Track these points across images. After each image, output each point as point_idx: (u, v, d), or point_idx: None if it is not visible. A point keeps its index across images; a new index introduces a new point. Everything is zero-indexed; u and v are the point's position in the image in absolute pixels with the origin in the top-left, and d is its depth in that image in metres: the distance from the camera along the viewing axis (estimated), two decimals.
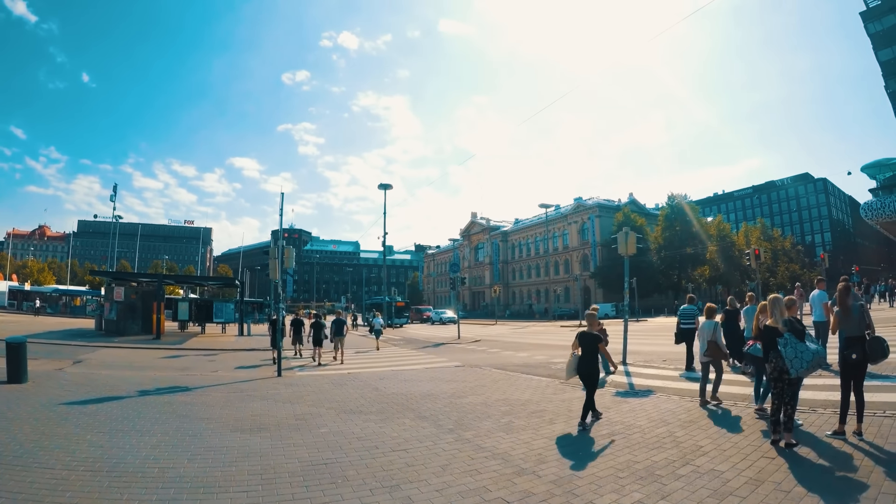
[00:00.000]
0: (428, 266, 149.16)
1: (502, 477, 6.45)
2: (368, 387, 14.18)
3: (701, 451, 7.33)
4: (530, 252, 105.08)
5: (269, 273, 20.49)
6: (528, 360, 20.77)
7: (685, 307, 16.41)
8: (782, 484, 5.94)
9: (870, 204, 55.83)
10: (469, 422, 9.61)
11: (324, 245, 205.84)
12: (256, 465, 7.01)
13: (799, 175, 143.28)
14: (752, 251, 35.97)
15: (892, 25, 59.54)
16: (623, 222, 63.42)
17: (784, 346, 7.09)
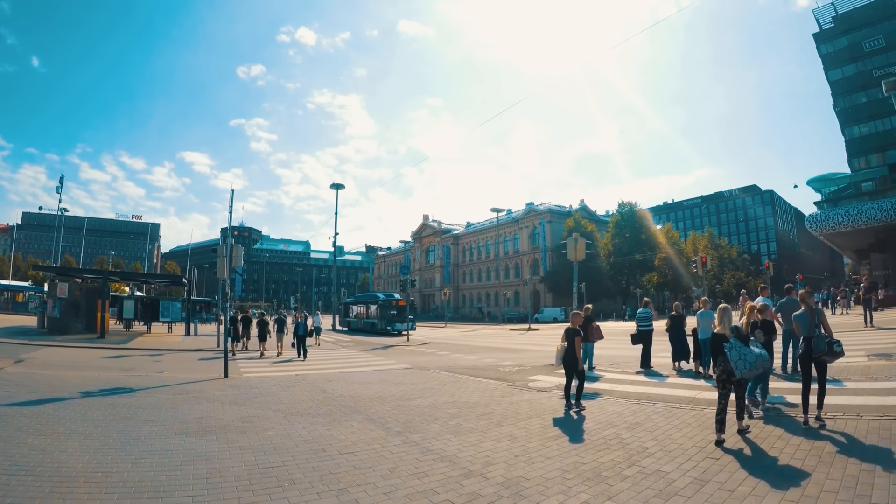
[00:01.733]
0: (378, 268, 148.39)
1: (450, 479, 6.50)
2: (316, 389, 14.05)
3: (647, 453, 7.47)
4: (481, 256, 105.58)
5: (217, 272, 20.21)
6: (476, 362, 20.89)
7: (642, 310, 17.84)
8: (726, 483, 6.11)
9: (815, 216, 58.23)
10: (417, 424, 9.61)
11: (274, 244, 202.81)
12: (202, 469, 6.88)
13: (747, 186, 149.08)
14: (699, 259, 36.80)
15: (843, 47, 62.36)
16: (574, 228, 64.60)
17: (729, 349, 7.87)
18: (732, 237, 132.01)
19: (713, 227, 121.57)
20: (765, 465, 6.68)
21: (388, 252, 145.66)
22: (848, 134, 62.16)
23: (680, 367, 15.89)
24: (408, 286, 44.57)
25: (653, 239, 79.17)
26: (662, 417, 9.74)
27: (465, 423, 9.68)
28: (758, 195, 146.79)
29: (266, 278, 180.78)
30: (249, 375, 17.17)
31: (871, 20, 59.78)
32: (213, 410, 10.95)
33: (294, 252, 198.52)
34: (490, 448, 7.91)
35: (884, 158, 59.17)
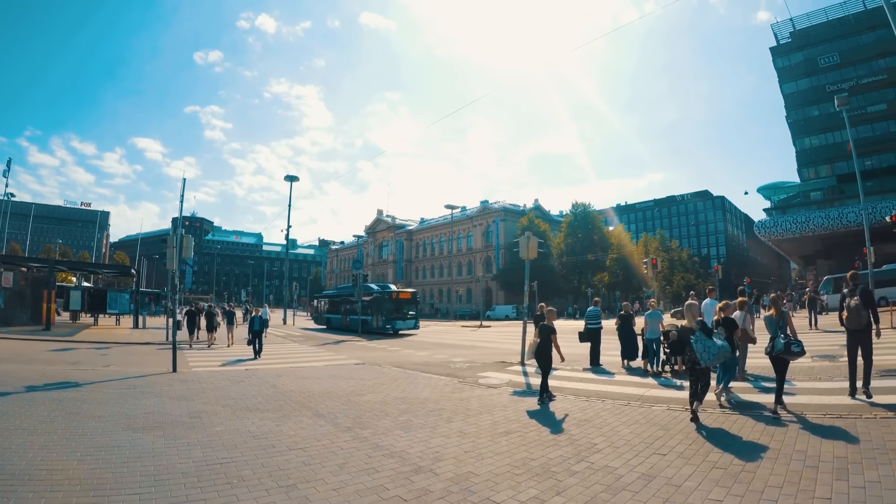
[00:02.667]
0: (331, 262, 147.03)
1: (400, 475, 6.50)
2: (266, 384, 13.89)
3: (595, 449, 7.57)
4: (434, 252, 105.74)
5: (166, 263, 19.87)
6: (428, 359, 20.90)
7: (591, 309, 18.30)
8: (673, 479, 6.24)
9: (764, 222, 60.15)
10: (367, 420, 9.58)
11: (226, 235, 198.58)
12: (149, 465, 6.74)
13: (699, 192, 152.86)
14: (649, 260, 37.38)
15: (799, 62, 64.78)
16: (527, 227, 65.10)
17: (695, 342, 8.90)
18: (683, 240, 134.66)
19: (665, 230, 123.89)
20: (711, 461, 6.82)
21: (342, 246, 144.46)
22: (799, 145, 64.49)
23: (629, 366, 16.21)
24: (360, 281, 41.67)
25: (605, 240, 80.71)
26: (611, 414, 9.85)
27: (415, 418, 9.69)
28: (709, 200, 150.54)
29: (217, 270, 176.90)
30: (198, 370, 16.86)
31: (828, 38, 62.38)
32: (160, 405, 10.75)
33: (246, 244, 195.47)
34: (440, 444, 7.94)
35: (832, 170, 61.51)
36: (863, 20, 59.59)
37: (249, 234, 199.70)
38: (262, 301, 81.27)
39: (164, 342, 24.78)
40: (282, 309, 63.00)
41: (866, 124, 57.59)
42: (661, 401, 11.05)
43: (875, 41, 56.39)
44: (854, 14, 61.56)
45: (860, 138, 49.71)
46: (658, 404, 10.59)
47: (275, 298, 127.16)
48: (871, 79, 59.10)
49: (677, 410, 9.88)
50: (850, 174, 44.24)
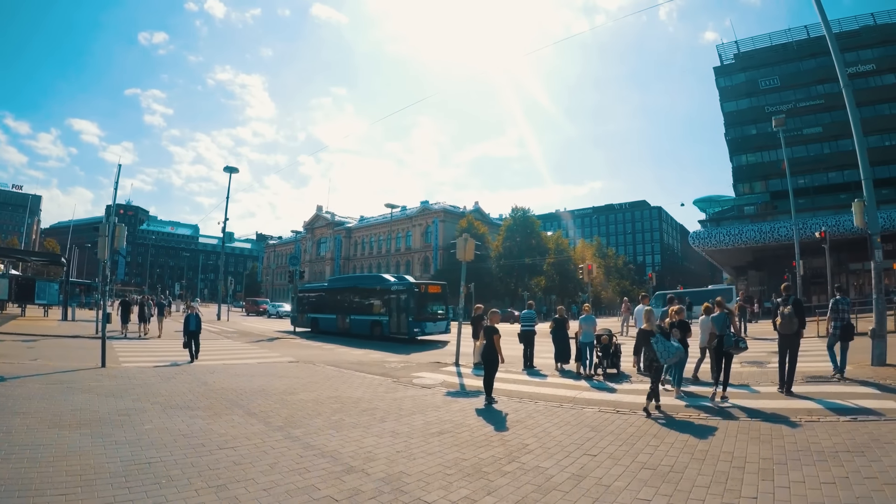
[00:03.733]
0: (268, 257, 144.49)
1: (331, 475, 6.46)
2: (197, 381, 13.56)
3: (527, 449, 7.67)
4: (373, 250, 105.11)
5: (98, 252, 19.36)
6: (363, 357, 20.81)
7: (526, 312, 18.60)
8: (603, 479, 6.38)
9: (698, 233, 62.07)
10: (299, 419, 9.51)
11: (161, 226, 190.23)
12: (76, 464, 6.53)
13: (637, 201, 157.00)
14: (585, 266, 37.99)
15: (741, 83, 67.04)
16: (466, 229, 65.36)
17: (655, 343, 10.01)
18: (620, 248, 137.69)
19: (602, 237, 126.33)
20: (640, 462, 7.01)
21: (279, 241, 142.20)
22: (736, 161, 66.74)
23: (562, 368, 16.53)
24: (296, 277, 40.88)
25: (543, 244, 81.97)
26: (543, 416, 10.00)
27: (347, 418, 9.65)
28: (646, 210, 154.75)
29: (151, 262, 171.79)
30: (128, 365, 16.34)
31: (770, 62, 64.91)
32: (88, 402, 10.38)
33: (182, 236, 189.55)
34: (372, 444, 7.92)
35: (766, 186, 63.89)
36: (805, 47, 62.37)
37: (185, 226, 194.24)
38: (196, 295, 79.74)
39: (94, 335, 24.09)
40: (216, 304, 61.65)
41: (801, 145, 60.06)
42: (593, 403, 11.27)
43: (815, 68, 59.15)
44: (797, 41, 64.28)
45: (795, 158, 51.91)
46: (590, 406, 10.80)
47: (209, 293, 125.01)
48: (809, 103, 61.56)
49: (608, 412, 10.12)
50: (784, 191, 45.90)
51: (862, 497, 5.53)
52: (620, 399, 11.88)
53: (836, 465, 6.53)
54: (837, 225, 45.01)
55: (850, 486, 5.84)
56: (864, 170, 15.94)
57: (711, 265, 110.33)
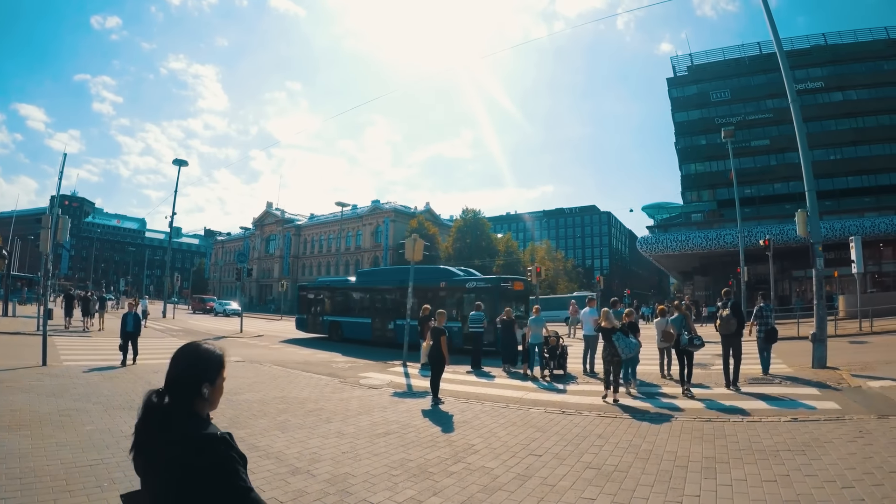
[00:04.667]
0: (216, 253, 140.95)
1: (276, 476, 6.41)
2: (141, 380, 13.22)
3: (473, 450, 7.71)
4: (323, 249, 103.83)
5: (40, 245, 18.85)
6: (310, 357, 20.72)
7: (474, 313, 18.67)
8: (548, 479, 6.44)
9: (646, 239, 63.28)
10: (244, 420, 9.39)
11: (107, 219, 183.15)
12: (15, 467, 6.37)
13: (586, 206, 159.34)
14: (534, 268, 38.29)
15: (692, 94, 68.92)
16: (417, 229, 65.12)
17: (617, 339, 11.57)
18: (569, 251, 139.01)
19: (552, 241, 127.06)
20: (585, 462, 7.10)
21: (228, 238, 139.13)
22: (685, 170, 68.52)
23: (509, 369, 16.63)
24: (244, 275, 39.56)
25: (493, 246, 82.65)
26: (489, 416, 10.06)
27: (293, 419, 9.58)
28: (596, 215, 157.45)
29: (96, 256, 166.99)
30: (70, 363, 15.89)
31: (722, 75, 66.92)
32: (28, 402, 10.07)
33: (128, 230, 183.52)
34: (318, 444, 7.88)
35: (714, 195, 65.85)
36: (757, 63, 64.21)
37: (132, 219, 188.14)
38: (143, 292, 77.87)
39: (35, 332, 23.43)
40: (162, 301, 60.42)
41: (749, 156, 62.02)
42: (539, 404, 11.39)
43: (766, 83, 60.78)
44: (749, 56, 66.35)
45: (742, 168, 53.66)
46: (536, 407, 10.90)
47: (155, 289, 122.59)
48: (758, 116, 63.57)
49: (554, 413, 10.22)
50: (730, 200, 47.15)
51: (802, 494, 5.71)
52: (566, 400, 12.06)
53: (778, 464, 6.72)
54: (781, 234, 46.43)
55: (791, 483, 6.03)
56: (808, 182, 16.57)
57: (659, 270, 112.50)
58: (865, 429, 8.30)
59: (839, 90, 61.42)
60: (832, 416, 9.34)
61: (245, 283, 38.84)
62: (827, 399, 10.96)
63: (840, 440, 7.71)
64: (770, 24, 17.44)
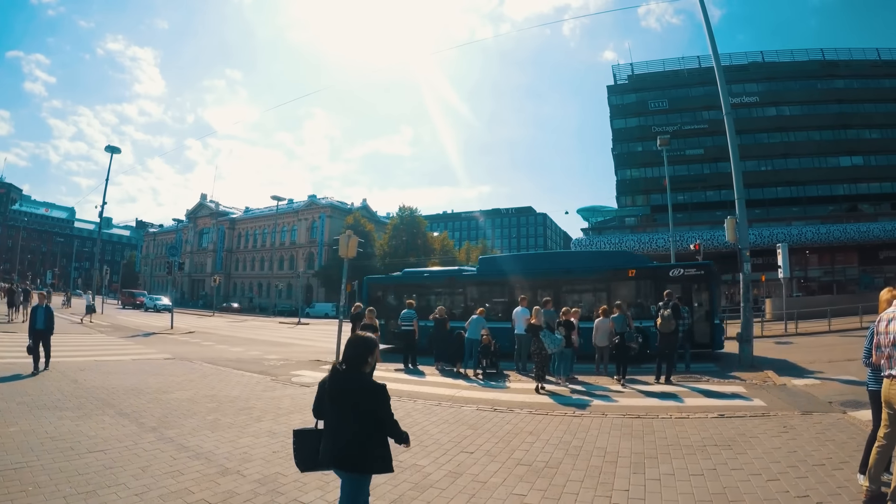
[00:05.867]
0: (148, 246, 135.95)
1: (205, 477, 6.33)
2: (67, 378, 12.75)
3: (404, 447, 7.66)
4: (257, 243, 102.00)
5: None
6: (241, 355, 20.35)
7: (405, 312, 18.59)
8: (479, 476, 6.52)
9: (580, 240, 64.71)
10: (173, 419, 9.19)
11: (35, 207, 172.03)
12: None
13: (523, 207, 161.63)
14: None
15: (631, 103, 70.97)
16: (353, 226, 64.97)
17: (544, 336, 12.86)
18: (505, 251, 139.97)
19: (487, 241, 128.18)
20: (517, 459, 7.19)
21: (160, 230, 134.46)
22: (620, 175, 70.34)
23: (442, 367, 16.73)
24: (176, 269, 38.29)
25: (429, 245, 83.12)
26: (421, 414, 10.11)
27: (223, 418, 9.45)
28: (532, 216, 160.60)
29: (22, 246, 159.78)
30: None
31: (661, 85, 69.23)
32: None
33: (57, 219, 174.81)
34: (248, 444, 7.81)
35: (648, 200, 68.07)
36: (695, 76, 66.85)
37: (61, 208, 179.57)
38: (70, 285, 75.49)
39: None
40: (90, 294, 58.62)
41: (683, 164, 64.12)
42: (472, 401, 11.47)
43: (703, 95, 62.83)
44: (689, 69, 69.03)
45: (676, 176, 55.03)
46: (468, 405, 10.98)
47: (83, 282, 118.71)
48: (694, 126, 65.91)
49: (486, 411, 10.30)
50: (663, 206, 48.60)
51: (729, 487, 5.92)
52: (498, 397, 12.16)
53: (705, 458, 6.98)
54: (712, 239, 47.80)
55: (718, 477, 6.26)
56: (738, 190, 17.33)
57: None
58: (790, 424, 8.69)
59: (773, 105, 64.82)
60: (758, 412, 9.78)
61: (176, 278, 37.71)
62: (753, 396, 11.43)
63: (765, 435, 8.05)
64: (710, 39, 18.15)
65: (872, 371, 5.87)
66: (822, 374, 13.90)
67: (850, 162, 62.35)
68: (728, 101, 18.08)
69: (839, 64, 65.35)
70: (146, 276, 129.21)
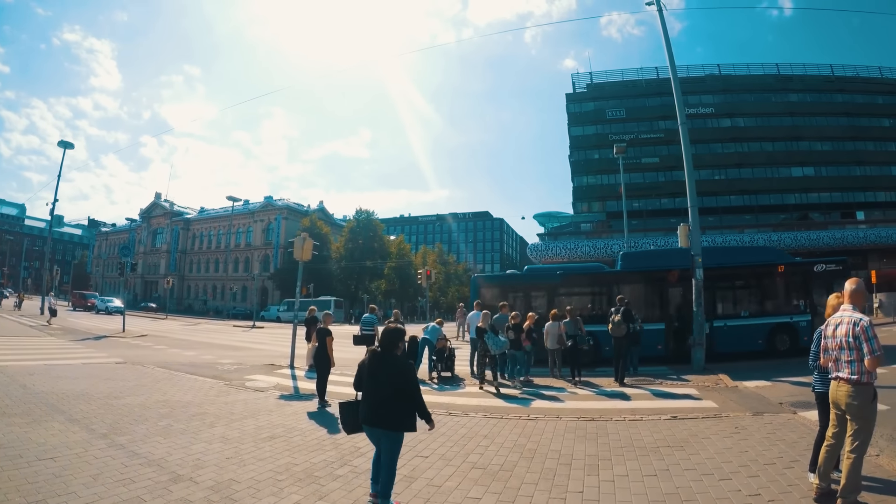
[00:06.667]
0: (100, 246, 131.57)
1: (158, 485, 6.21)
2: (15, 383, 12.39)
3: (359, 452, 7.70)
4: (211, 245, 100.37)
5: None
6: (195, 359, 20.00)
7: (366, 316, 18.97)
8: (434, 479, 6.55)
9: (536, 246, 65.30)
10: (125, 425, 9.00)
11: None
12: None
13: (480, 212, 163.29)
14: (424, 272, 38.67)
15: (589, 111, 72.22)
16: (309, 228, 64.59)
17: (488, 338, 13.73)
18: (461, 255, 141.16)
19: (444, 245, 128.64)
20: (472, 462, 7.26)
21: (113, 229, 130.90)
22: (577, 181, 71.44)
23: None
24: (128, 270, 36.80)
25: (385, 248, 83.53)
26: None
27: (176, 423, 9.30)
28: (489, 221, 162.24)
29: None
30: None
31: (619, 95, 70.88)
32: None
33: (6, 216, 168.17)
34: (201, 450, 7.68)
35: (604, 207, 68.97)
36: (653, 86, 68.37)
37: (11, 205, 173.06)
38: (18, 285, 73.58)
39: None
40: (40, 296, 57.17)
41: (639, 172, 65.38)
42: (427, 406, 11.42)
43: (659, 105, 64.56)
44: (646, 80, 70.57)
45: (632, 183, 56.24)
46: None
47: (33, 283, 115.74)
48: (650, 135, 67.30)
49: (441, 415, 10.27)
50: (619, 212, 49.29)
51: (682, 487, 6.06)
52: (453, 401, 12.21)
53: (658, 459, 7.12)
54: (666, 245, 48.31)
55: (671, 477, 6.39)
56: (691, 198, 17.78)
57: None
58: (741, 425, 8.92)
59: (728, 117, 67.07)
60: (710, 413, 10.02)
61: (129, 279, 36.76)
62: (705, 398, 11.72)
63: (717, 436, 8.25)
64: (667, 51, 18.61)
65: (819, 373, 6.12)
66: (773, 376, 14.28)
67: (802, 172, 64.84)
68: (683, 112, 18.54)
69: (793, 78, 68.11)
70: (98, 278, 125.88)
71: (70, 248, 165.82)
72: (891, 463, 6.73)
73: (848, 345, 5.38)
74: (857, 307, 5.63)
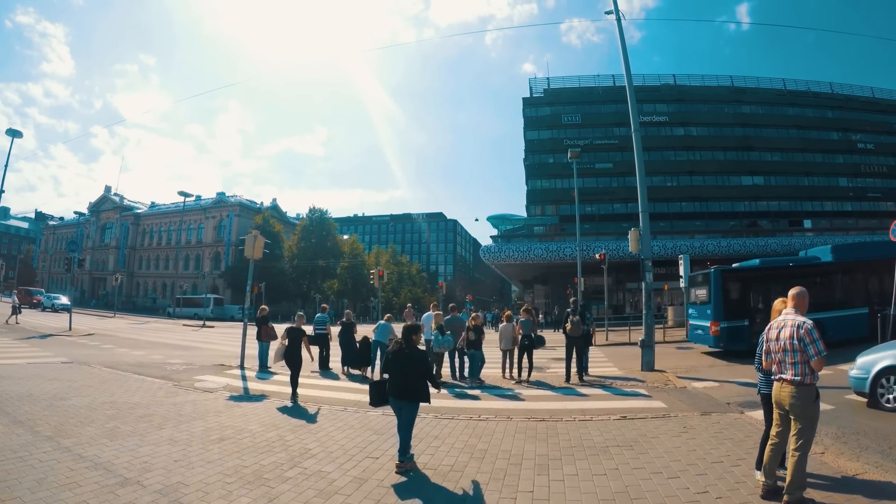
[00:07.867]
0: (47, 240, 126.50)
1: (104, 489, 6.08)
2: None
3: (309, 454, 7.65)
4: (162, 241, 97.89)
5: None
6: (143, 359, 19.55)
7: (320, 315, 19.02)
8: (385, 481, 6.54)
9: (489, 247, 66.01)
10: (70, 428, 8.82)
11: None
12: None
13: (434, 213, 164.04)
14: (376, 272, 38.67)
15: (545, 115, 73.06)
16: (261, 226, 64.29)
17: (434, 337, 13.82)
18: (415, 256, 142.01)
19: (398, 245, 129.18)
20: (422, 462, 7.28)
21: (61, 223, 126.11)
22: (531, 185, 72.12)
23: (349, 372, 16.66)
24: (75, 266, 35.33)
25: (338, 247, 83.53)
26: (327, 420, 10.03)
27: (123, 425, 9.10)
28: (442, 222, 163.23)
29: None
30: None
31: (575, 101, 71.94)
32: None
33: None
34: (149, 453, 7.53)
35: (557, 210, 69.69)
36: (609, 94, 69.27)
37: None
38: None
39: None
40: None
41: (593, 177, 66.24)
42: None
43: (614, 112, 65.46)
44: (603, 87, 71.66)
45: (585, 188, 56.99)
46: (374, 410, 10.90)
47: None
48: (605, 141, 68.76)
49: (391, 416, 10.22)
50: (572, 216, 50.06)
51: (631, 486, 6.18)
52: None
53: (608, 459, 7.24)
54: (617, 249, 49.44)
55: (620, 476, 6.52)
56: (642, 204, 18.15)
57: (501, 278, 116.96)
58: (689, 424, 9.15)
59: (682, 126, 69.00)
60: (659, 413, 10.23)
61: (76, 275, 35.72)
62: (655, 398, 11.94)
63: (666, 435, 8.43)
64: (623, 59, 19.01)
65: (764, 375, 6.31)
66: (721, 377, 14.74)
67: (752, 181, 67.04)
68: (637, 119, 18.90)
69: (747, 91, 70.61)
70: (45, 273, 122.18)
71: (16, 241, 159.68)
72: (835, 460, 6.96)
73: (792, 347, 5.61)
74: (799, 311, 5.83)
